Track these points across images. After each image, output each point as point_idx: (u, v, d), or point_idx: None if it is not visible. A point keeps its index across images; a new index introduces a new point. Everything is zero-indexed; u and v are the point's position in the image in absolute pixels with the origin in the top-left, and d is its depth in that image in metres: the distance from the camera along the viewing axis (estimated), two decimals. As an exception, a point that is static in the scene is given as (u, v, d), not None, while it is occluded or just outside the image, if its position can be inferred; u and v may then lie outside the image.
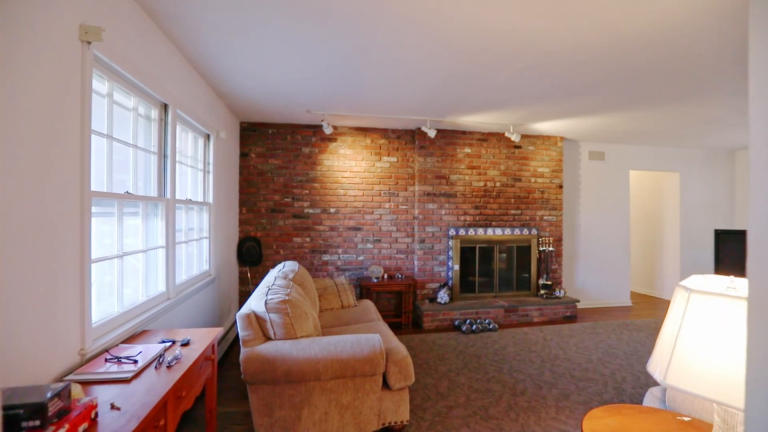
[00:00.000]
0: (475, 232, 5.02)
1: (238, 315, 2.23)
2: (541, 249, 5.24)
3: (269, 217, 4.74)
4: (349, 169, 4.92)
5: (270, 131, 4.74)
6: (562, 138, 5.36)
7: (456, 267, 4.95)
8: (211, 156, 3.58)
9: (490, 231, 5.07)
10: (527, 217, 5.28)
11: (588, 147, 5.76)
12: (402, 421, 2.33)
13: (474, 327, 4.37)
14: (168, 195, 2.57)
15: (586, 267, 5.73)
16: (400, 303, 4.89)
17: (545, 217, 5.34)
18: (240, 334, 2.20)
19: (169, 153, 2.58)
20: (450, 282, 4.97)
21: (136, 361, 1.60)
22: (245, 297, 4.68)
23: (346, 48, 2.57)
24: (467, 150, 5.06)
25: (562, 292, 5.14)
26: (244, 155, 4.69)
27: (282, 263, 3.53)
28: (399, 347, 2.41)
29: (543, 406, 2.73)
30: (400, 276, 4.98)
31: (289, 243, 4.79)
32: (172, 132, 2.58)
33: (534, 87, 3.31)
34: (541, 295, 5.13)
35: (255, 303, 2.32)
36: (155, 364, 1.62)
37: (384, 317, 4.72)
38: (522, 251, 5.24)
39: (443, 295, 4.74)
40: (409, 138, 5.06)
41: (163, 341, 1.90)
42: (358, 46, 2.53)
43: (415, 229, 5.00)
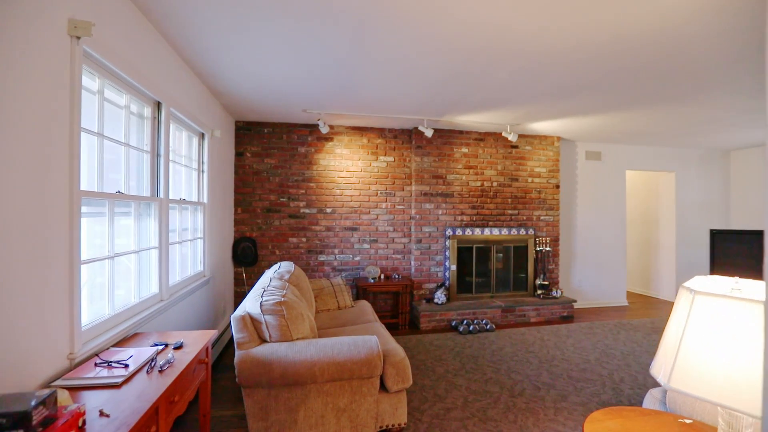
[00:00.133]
0: (472, 232, 5.00)
1: (232, 317, 2.18)
2: (538, 249, 5.23)
3: (265, 217, 4.70)
4: (346, 169, 4.88)
5: (266, 130, 4.69)
6: (559, 138, 5.35)
7: (453, 267, 4.92)
8: (206, 155, 3.53)
9: (487, 231, 5.05)
10: (524, 217, 5.26)
11: (585, 147, 5.76)
12: (399, 424, 2.30)
13: (471, 327, 4.35)
14: (161, 195, 2.53)
15: (582, 267, 5.73)
16: (396, 303, 4.86)
17: (542, 217, 5.33)
18: (235, 336, 2.15)
19: (163, 152, 2.53)
20: (447, 282, 4.95)
21: (127, 366, 1.56)
22: (240, 298, 4.63)
23: (342, 46, 2.54)
24: (464, 150, 5.04)
25: (559, 292, 5.13)
26: (239, 154, 4.64)
27: (278, 264, 3.48)
28: (396, 349, 2.38)
29: (541, 407, 2.71)
30: (396, 276, 4.95)
31: (285, 243, 4.74)
32: (165, 130, 2.54)
33: (532, 86, 3.29)
34: (538, 296, 5.12)
35: (250, 304, 2.28)
36: (147, 368, 1.58)
37: (381, 318, 4.69)
38: (519, 251, 5.23)
39: (440, 296, 4.72)
40: (406, 137, 5.03)
41: (156, 344, 1.85)
42: (355, 44, 2.49)
43: (412, 229, 4.97)
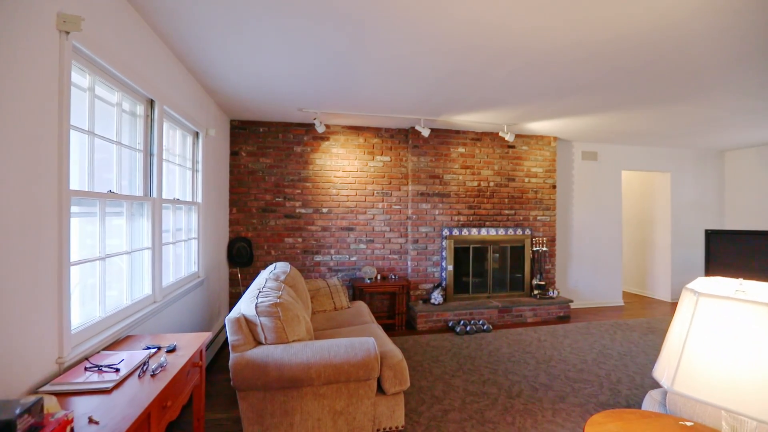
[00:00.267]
0: (469, 232, 4.99)
1: (227, 319, 2.15)
2: (535, 249, 5.22)
3: (260, 217, 4.65)
4: (342, 169, 4.85)
5: (261, 129, 4.64)
6: (555, 138, 5.35)
7: (450, 267, 4.91)
8: (200, 154, 3.48)
9: (483, 231, 5.04)
10: (521, 217, 5.26)
11: (581, 147, 5.77)
12: (397, 427, 2.28)
13: (468, 328, 4.33)
14: (154, 194, 2.48)
15: (579, 267, 5.74)
16: (393, 304, 4.83)
17: (539, 218, 5.32)
18: (229, 338, 2.12)
19: (156, 151, 2.48)
20: (444, 282, 4.93)
21: (118, 370, 1.52)
22: (236, 299, 4.58)
23: (339, 44, 2.50)
24: (461, 149, 5.03)
25: (555, 292, 5.13)
26: (234, 154, 4.59)
27: (273, 264, 3.44)
28: (394, 351, 2.35)
29: (539, 408, 2.70)
30: (393, 277, 4.93)
31: (281, 243, 4.70)
32: (158, 129, 2.49)
33: (529, 86, 3.27)
34: (535, 296, 5.12)
35: (245, 306, 2.24)
36: (139, 372, 1.54)
37: (377, 318, 4.66)
38: (515, 251, 5.22)
39: (437, 296, 4.70)
40: (403, 137, 5.00)
41: (148, 347, 1.81)
42: (351, 42, 2.46)
43: (409, 230, 4.94)
